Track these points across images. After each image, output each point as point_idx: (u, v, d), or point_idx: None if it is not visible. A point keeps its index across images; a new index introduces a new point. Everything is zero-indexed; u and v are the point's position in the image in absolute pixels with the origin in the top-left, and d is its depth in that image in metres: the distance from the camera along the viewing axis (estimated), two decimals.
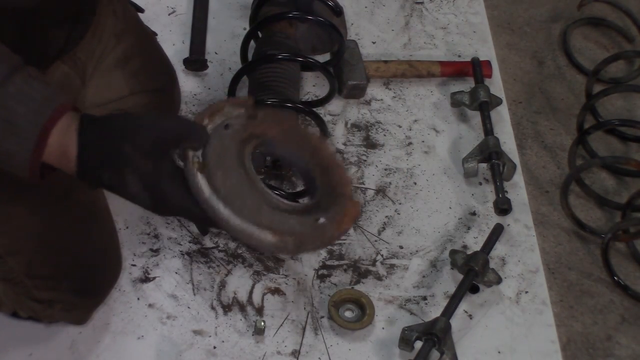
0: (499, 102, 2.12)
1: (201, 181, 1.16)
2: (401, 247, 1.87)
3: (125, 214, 1.81)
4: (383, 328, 1.74)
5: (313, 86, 2.12)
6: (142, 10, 1.98)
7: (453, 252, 1.84)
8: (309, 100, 2.07)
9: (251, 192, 1.19)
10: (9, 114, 1.11)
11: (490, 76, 2.19)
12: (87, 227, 1.51)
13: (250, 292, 1.75)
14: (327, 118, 2.06)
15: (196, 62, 2.06)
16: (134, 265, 1.75)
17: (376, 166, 2.01)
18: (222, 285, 1.75)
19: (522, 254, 1.90)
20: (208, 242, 1.80)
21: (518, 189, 2.01)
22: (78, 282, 1.52)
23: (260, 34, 2.01)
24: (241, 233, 1.17)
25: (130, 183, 1.16)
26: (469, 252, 1.85)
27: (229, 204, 1.16)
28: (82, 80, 1.56)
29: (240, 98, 1.29)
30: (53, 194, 1.44)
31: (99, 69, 1.59)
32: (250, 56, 1.99)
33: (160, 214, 1.23)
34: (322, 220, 1.20)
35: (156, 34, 2.04)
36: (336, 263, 1.82)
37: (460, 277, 1.79)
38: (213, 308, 1.72)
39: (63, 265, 1.49)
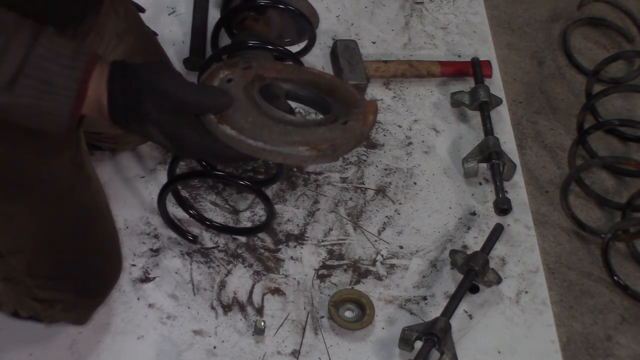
0: (499, 102, 2.12)
1: (224, 127, 1.22)
2: (401, 247, 1.87)
3: (125, 214, 1.81)
4: (383, 328, 1.74)
5: None
6: (143, 10, 1.98)
7: (453, 252, 1.84)
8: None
9: (273, 121, 1.25)
10: (45, 75, 1.14)
11: (490, 76, 2.19)
12: (88, 227, 1.52)
13: (250, 292, 1.75)
14: None
15: (196, 62, 2.06)
16: (134, 265, 1.75)
17: (376, 166, 2.01)
18: (222, 285, 1.75)
19: (522, 254, 1.90)
20: (208, 242, 1.81)
21: (518, 189, 2.01)
22: (79, 282, 1.52)
23: (235, 31, 2.00)
24: (279, 155, 1.23)
25: (153, 133, 1.21)
26: (469, 252, 1.85)
27: (257, 135, 1.22)
28: None
29: (232, 59, 1.36)
30: (54, 193, 1.44)
31: None
32: None
33: (187, 157, 1.35)
34: (348, 122, 1.26)
35: (157, 34, 2.04)
36: (336, 263, 1.82)
37: (460, 277, 1.79)
38: (213, 308, 1.72)
39: (64, 264, 1.50)
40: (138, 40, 1.66)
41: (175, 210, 1.81)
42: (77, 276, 1.51)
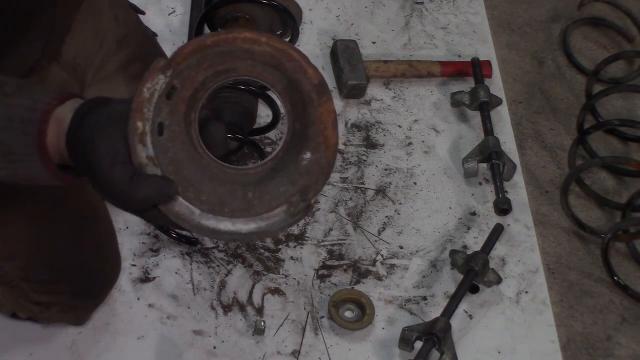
0: (499, 102, 2.12)
1: (174, 203, 1.03)
2: (401, 247, 1.87)
3: (125, 214, 1.81)
4: (383, 328, 1.74)
5: None
6: (143, 13, 1.98)
7: (453, 252, 1.84)
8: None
9: (230, 188, 1.06)
10: (4, 147, 1.06)
11: (490, 76, 2.19)
12: (84, 231, 1.51)
13: (250, 292, 1.75)
14: None
15: None
16: (134, 265, 1.75)
17: (376, 166, 2.01)
18: (222, 285, 1.76)
19: (522, 254, 1.90)
20: (208, 242, 1.81)
21: (518, 189, 2.01)
22: (75, 285, 1.51)
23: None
24: (245, 237, 1.06)
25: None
26: (469, 252, 1.85)
27: (219, 214, 1.04)
28: (81, 87, 1.55)
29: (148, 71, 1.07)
30: (49, 199, 1.43)
31: (100, 75, 1.58)
32: None
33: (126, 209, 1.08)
34: (307, 155, 1.06)
35: (156, 35, 2.04)
36: (336, 263, 1.82)
37: (460, 277, 1.79)
38: (213, 308, 1.72)
39: (59, 269, 1.49)
40: (138, 45, 1.66)
41: None
42: (73, 279, 1.51)
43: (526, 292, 1.84)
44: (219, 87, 1.07)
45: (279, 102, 1.08)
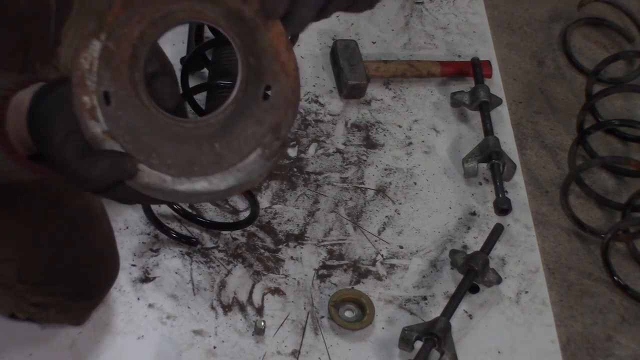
0: (499, 102, 2.12)
1: (140, 175, 0.95)
2: (401, 247, 1.87)
3: (125, 214, 1.81)
4: (383, 328, 1.74)
5: (313, 86, 2.12)
6: None
7: (453, 252, 1.84)
8: None
9: (194, 143, 0.97)
10: None
11: (490, 76, 2.19)
12: (80, 233, 1.50)
13: (250, 292, 1.75)
14: (327, 118, 2.06)
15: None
16: (134, 265, 1.75)
17: (376, 166, 2.00)
18: (222, 285, 1.75)
19: (522, 254, 1.90)
20: (208, 242, 1.80)
21: (518, 189, 2.01)
22: (72, 287, 1.50)
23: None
24: (223, 193, 0.97)
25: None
26: (469, 252, 1.85)
27: (191, 175, 0.96)
28: None
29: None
30: (44, 201, 1.42)
31: None
32: None
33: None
34: (268, 89, 0.96)
35: None
36: (336, 263, 1.82)
37: (460, 277, 1.79)
38: (213, 308, 1.72)
39: (55, 271, 1.48)
40: None
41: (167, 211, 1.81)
42: (70, 281, 1.50)
43: (526, 292, 1.84)
44: (160, 36, 0.97)
45: (228, 38, 0.98)
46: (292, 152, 1.98)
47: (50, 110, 0.97)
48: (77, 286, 1.51)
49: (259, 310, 1.73)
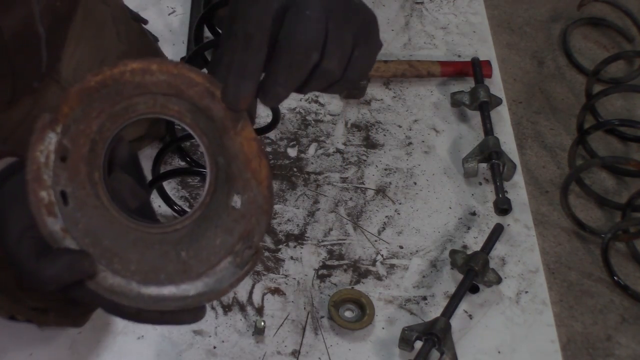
0: (499, 102, 2.12)
1: (101, 277, 0.90)
2: (401, 247, 1.87)
3: None
4: (383, 328, 1.74)
5: None
6: (145, 22, 1.97)
7: (453, 252, 1.84)
8: None
9: (159, 248, 0.93)
10: None
11: (490, 76, 2.19)
12: None
13: (250, 292, 1.76)
14: (327, 118, 2.06)
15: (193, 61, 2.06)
16: None
17: (376, 166, 2.01)
18: None
19: (522, 254, 1.90)
20: None
21: (518, 189, 2.01)
22: None
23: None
24: (188, 301, 0.92)
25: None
26: (469, 252, 1.85)
27: (156, 281, 0.91)
28: None
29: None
30: None
31: None
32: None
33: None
34: (238, 197, 0.90)
35: (157, 40, 2.04)
36: (336, 263, 1.82)
37: (460, 277, 1.79)
38: (213, 308, 1.72)
39: None
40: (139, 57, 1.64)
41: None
42: None
43: (526, 292, 1.84)
44: (119, 131, 0.91)
45: (194, 136, 0.92)
46: (292, 152, 1.99)
47: (5, 201, 0.90)
48: None
49: (259, 310, 1.73)
